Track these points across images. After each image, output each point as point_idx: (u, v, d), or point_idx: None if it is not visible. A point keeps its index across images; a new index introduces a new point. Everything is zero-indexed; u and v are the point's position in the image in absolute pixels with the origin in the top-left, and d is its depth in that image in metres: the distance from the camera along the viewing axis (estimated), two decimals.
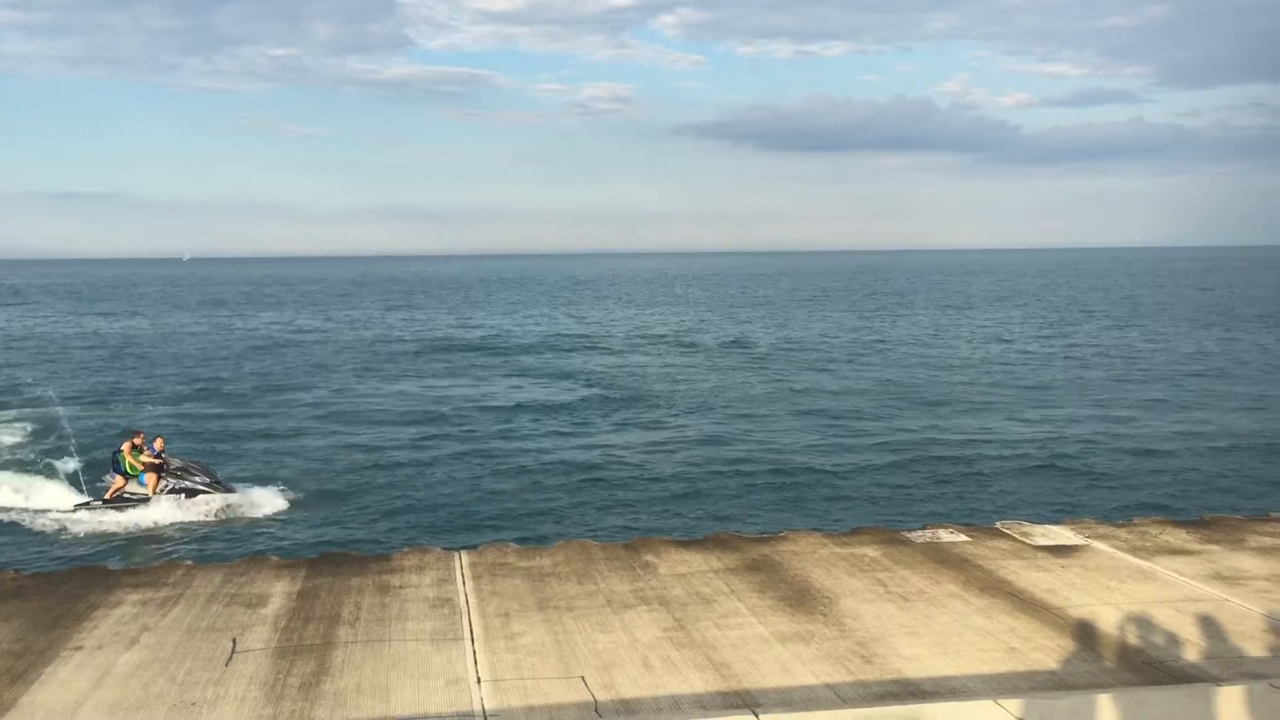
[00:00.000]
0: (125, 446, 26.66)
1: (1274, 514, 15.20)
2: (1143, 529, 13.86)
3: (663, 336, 76.49)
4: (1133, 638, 9.86)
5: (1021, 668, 9.18)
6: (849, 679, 8.96)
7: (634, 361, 59.63)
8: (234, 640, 9.86)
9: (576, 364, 58.30)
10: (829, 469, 30.11)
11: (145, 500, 26.27)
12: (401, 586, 11.38)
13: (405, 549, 13.22)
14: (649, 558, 12.44)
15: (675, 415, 40.05)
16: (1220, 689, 7.81)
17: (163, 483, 26.43)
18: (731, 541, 13.27)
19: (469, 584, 11.43)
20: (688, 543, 13.33)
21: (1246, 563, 12.17)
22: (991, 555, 12.57)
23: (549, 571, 11.88)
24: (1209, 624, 10.16)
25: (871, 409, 40.90)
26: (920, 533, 13.68)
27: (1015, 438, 34.74)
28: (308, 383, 50.77)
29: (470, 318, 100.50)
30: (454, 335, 79.41)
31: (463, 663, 9.29)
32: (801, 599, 10.97)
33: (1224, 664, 9.18)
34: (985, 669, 9.15)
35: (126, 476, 26.48)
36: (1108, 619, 10.35)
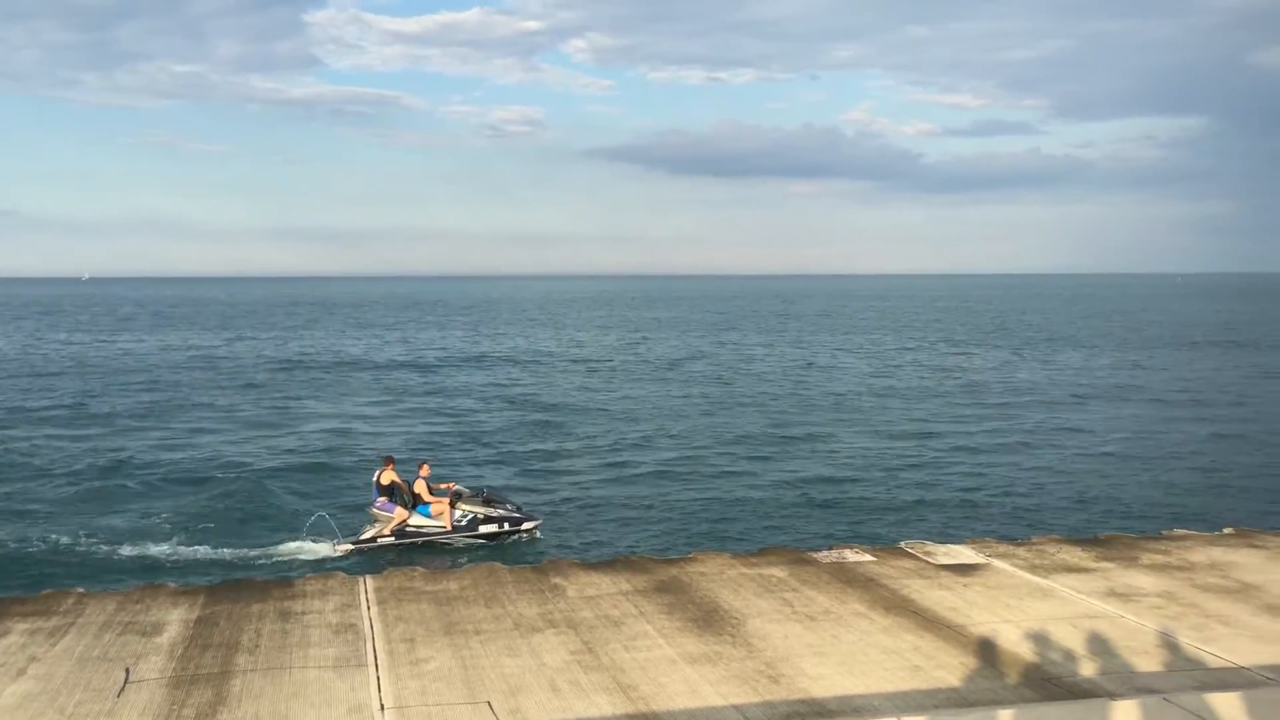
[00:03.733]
0: (390, 475, 23.80)
1: (1166, 533, 15.69)
2: (1041, 547, 14.18)
3: (573, 358, 76.41)
4: (1032, 654, 10.06)
5: (925, 685, 9.30)
6: (756, 699, 8.99)
7: (547, 382, 59.42)
8: (127, 670, 9.54)
9: (486, 384, 57.91)
10: (737, 489, 30.29)
11: (444, 533, 23.64)
12: (304, 612, 11.13)
13: (308, 575, 12.96)
14: (557, 580, 12.36)
15: (585, 436, 39.99)
16: (1115, 703, 8.00)
17: (459, 513, 23.79)
18: (640, 563, 13.25)
19: (374, 609, 11.23)
20: (596, 565, 13.29)
21: (1140, 580, 12.52)
22: (896, 574, 12.73)
23: (456, 595, 11.73)
24: (1104, 640, 10.42)
25: (777, 430, 41.30)
26: (827, 553, 13.82)
27: (918, 459, 35.36)
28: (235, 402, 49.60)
29: (383, 338, 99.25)
30: (366, 356, 78.32)
31: (366, 690, 9.11)
32: (710, 620, 10.99)
33: (1119, 679, 9.41)
34: (890, 687, 9.25)
35: (408, 508, 23.64)
36: (1008, 636, 10.55)
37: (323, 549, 23.57)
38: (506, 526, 23.96)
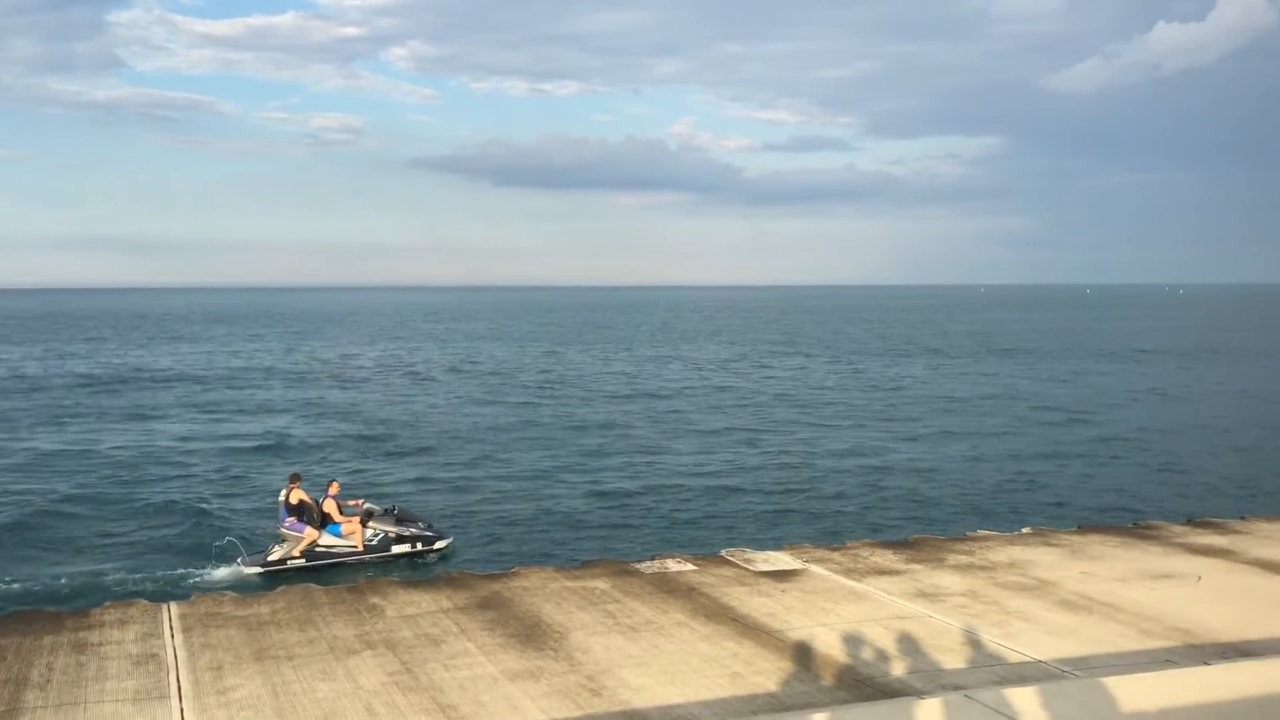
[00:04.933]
0: (298, 494, 22.78)
1: (970, 534, 16.43)
2: (855, 551, 14.64)
3: (394, 370, 75.01)
4: (846, 656, 10.35)
5: (744, 692, 9.44)
6: (577, 713, 8.95)
7: (366, 396, 58.09)
8: None
9: (304, 398, 56.20)
10: (561, 502, 30.23)
11: (356, 553, 22.93)
12: (101, 644, 10.52)
13: (107, 603, 12.26)
14: (376, 600, 12.06)
15: (406, 451, 39.27)
16: (921, 701, 8.28)
17: (370, 532, 23.06)
18: (462, 580, 13.06)
19: (178, 637, 10.71)
20: (417, 583, 13.03)
21: (946, 580, 13.06)
22: (717, 583, 12.92)
23: (268, 619, 11.30)
24: (913, 640, 10.80)
25: (600, 442, 41.48)
26: (649, 563, 13.92)
27: (739, 467, 36.05)
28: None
29: (195, 352, 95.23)
30: (176, 371, 74.97)
31: None
32: (532, 635, 10.90)
33: (926, 677, 9.77)
34: (710, 695, 9.35)
35: (318, 528, 22.76)
36: (824, 639, 10.82)
37: (225, 572, 22.67)
38: (419, 546, 23.55)
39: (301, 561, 22.76)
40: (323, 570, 22.47)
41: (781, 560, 14.06)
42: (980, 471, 35.61)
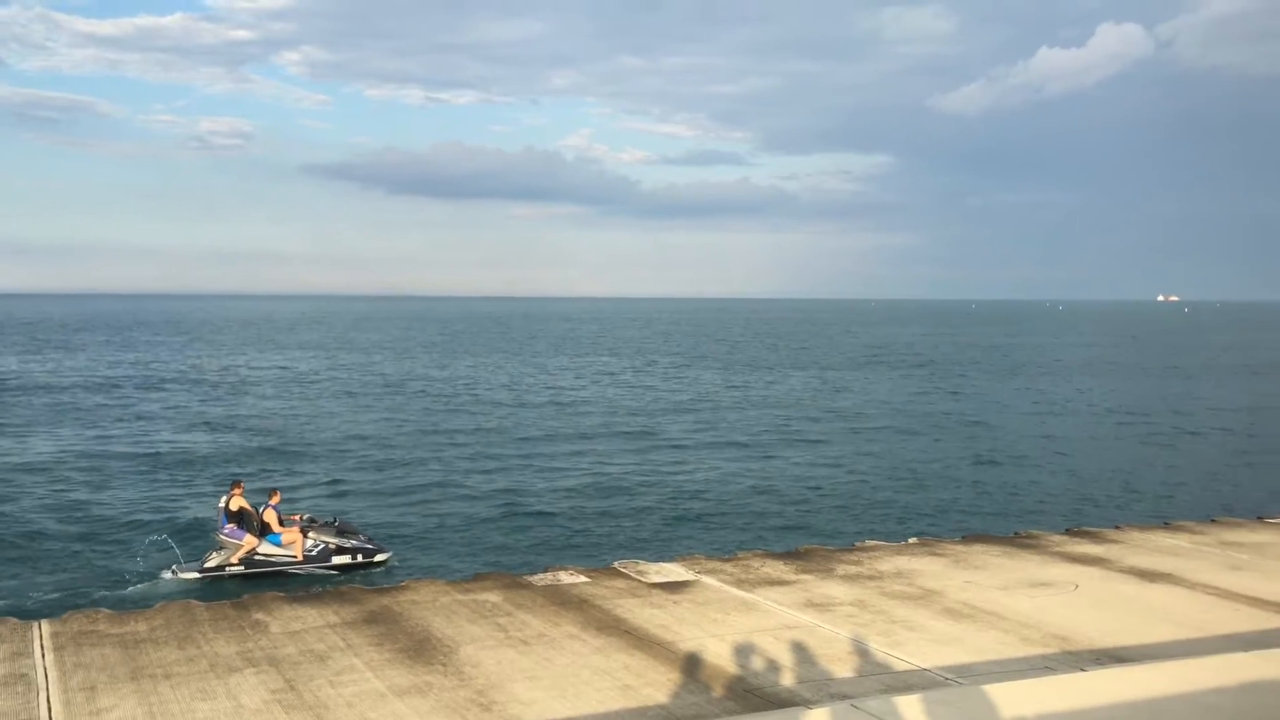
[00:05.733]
0: (239, 501, 22.52)
1: (858, 544, 16.71)
2: (746, 562, 14.76)
3: (283, 379, 73.45)
4: (736, 667, 10.41)
5: (635, 704, 9.43)
6: None
7: (254, 404, 56.75)
8: None
9: (185, 407, 54.67)
10: (453, 514, 29.92)
11: (295, 563, 22.79)
12: None
13: None
14: (260, 616, 11.75)
15: (290, 460, 38.48)
16: (809, 711, 8.37)
17: (311, 543, 22.99)
18: (350, 594, 12.82)
19: (49, 656, 10.29)
20: (302, 597, 12.74)
21: (835, 590, 13.25)
22: (609, 595, 12.89)
23: (145, 637, 10.92)
24: (803, 649, 10.92)
25: (489, 452, 41.19)
26: (542, 575, 13.84)
27: (632, 477, 36.14)
28: None
29: (73, 361, 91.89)
30: (51, 379, 72.24)
31: None
32: (421, 650, 10.73)
33: (814, 687, 9.88)
34: (601, 708, 9.32)
35: (258, 536, 22.57)
36: (715, 650, 10.87)
37: (162, 574, 22.52)
38: (359, 558, 23.46)
39: (240, 569, 22.63)
40: (261, 579, 22.27)
41: (674, 571, 14.11)
42: (868, 482, 36.28)
